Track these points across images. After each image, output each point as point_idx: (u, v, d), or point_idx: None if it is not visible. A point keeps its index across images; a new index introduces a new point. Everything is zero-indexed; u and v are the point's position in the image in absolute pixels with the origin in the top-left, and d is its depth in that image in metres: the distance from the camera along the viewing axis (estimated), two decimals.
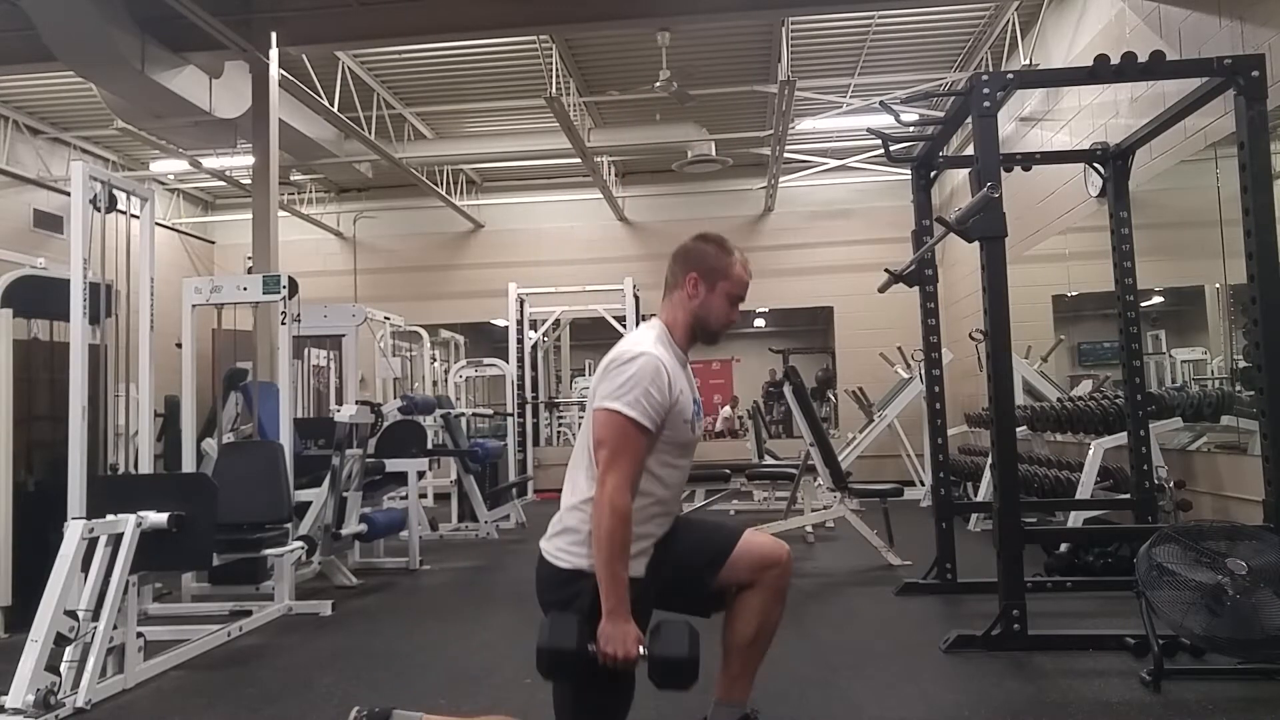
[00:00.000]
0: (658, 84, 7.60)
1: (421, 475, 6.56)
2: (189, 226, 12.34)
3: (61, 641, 3.05)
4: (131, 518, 3.33)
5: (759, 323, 16.88)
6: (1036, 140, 7.80)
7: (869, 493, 5.82)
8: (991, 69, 8.20)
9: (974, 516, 6.59)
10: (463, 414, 8.63)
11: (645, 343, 2.13)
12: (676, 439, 2.14)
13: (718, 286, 2.21)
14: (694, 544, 2.26)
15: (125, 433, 4.83)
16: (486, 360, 10.24)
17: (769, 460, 8.13)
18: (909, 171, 4.98)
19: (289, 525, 4.56)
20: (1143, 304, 4.83)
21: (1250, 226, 3.40)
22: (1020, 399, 6.54)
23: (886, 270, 4.25)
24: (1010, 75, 3.87)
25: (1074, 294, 7.42)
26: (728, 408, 15.13)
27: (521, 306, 10.05)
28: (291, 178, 11.35)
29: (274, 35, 6.77)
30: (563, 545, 2.09)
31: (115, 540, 3.30)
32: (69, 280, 3.69)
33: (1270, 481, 3.35)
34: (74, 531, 3.23)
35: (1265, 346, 3.35)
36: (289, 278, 4.88)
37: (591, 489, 2.04)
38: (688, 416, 2.15)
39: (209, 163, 10.07)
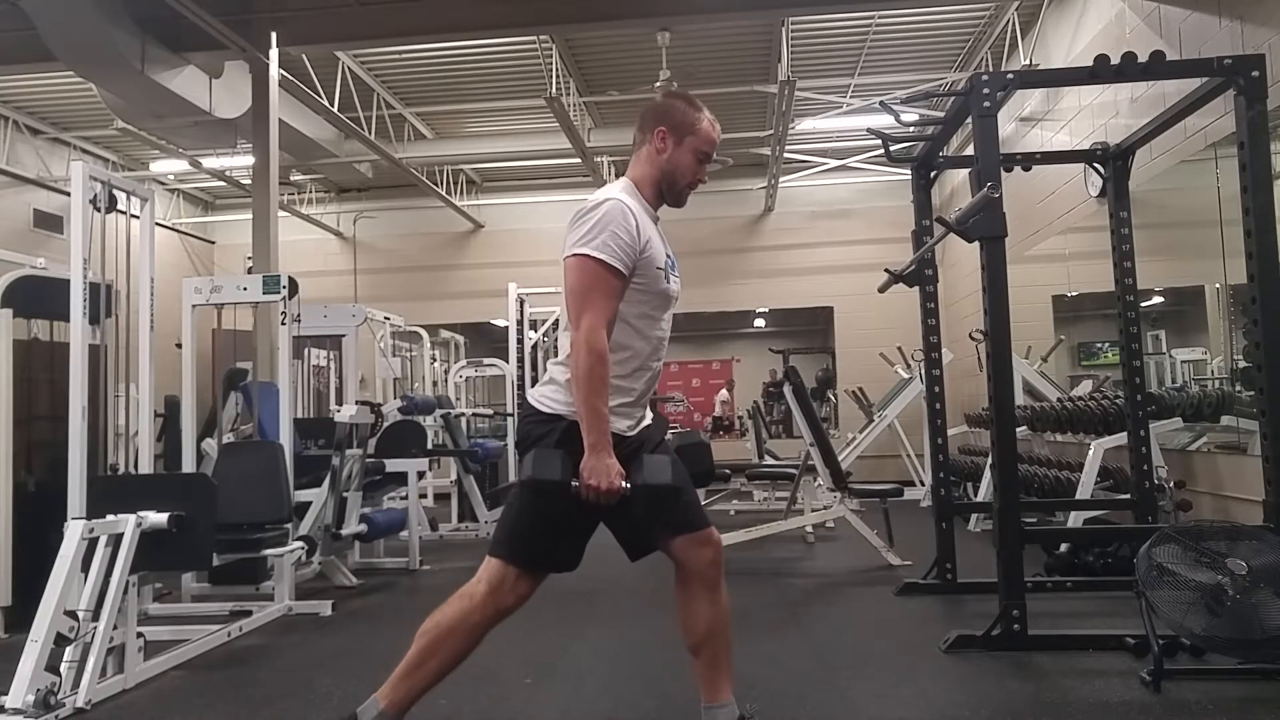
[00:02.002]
0: (658, 84, 7.60)
1: (421, 475, 6.56)
2: (189, 226, 12.34)
3: (61, 641, 3.05)
4: (131, 518, 3.33)
5: (759, 323, 16.88)
6: (1036, 140, 7.80)
7: (869, 493, 5.82)
8: (991, 69, 8.21)
9: (974, 516, 6.59)
10: (463, 414, 8.63)
11: (611, 190, 2.15)
12: (650, 287, 2.15)
13: (685, 141, 2.22)
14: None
15: (125, 433, 4.84)
16: (486, 360, 10.23)
17: (769, 460, 8.13)
18: (909, 171, 4.98)
19: (289, 525, 4.56)
20: (1143, 304, 4.83)
21: (1250, 226, 3.40)
22: (1020, 399, 6.54)
23: (886, 270, 4.25)
24: (1010, 75, 3.87)
25: (1074, 294, 7.42)
26: (724, 391, 15.15)
27: (521, 306, 10.00)
28: (291, 178, 11.36)
29: (274, 35, 6.77)
30: (546, 393, 2.16)
31: (115, 540, 3.30)
32: (69, 280, 3.69)
33: (1270, 481, 3.35)
34: (74, 531, 3.23)
35: (1265, 346, 3.35)
36: (289, 278, 4.88)
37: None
38: (660, 264, 2.16)
39: (209, 163, 10.07)
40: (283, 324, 4.86)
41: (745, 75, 8.81)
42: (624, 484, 1.99)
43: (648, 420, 2.29)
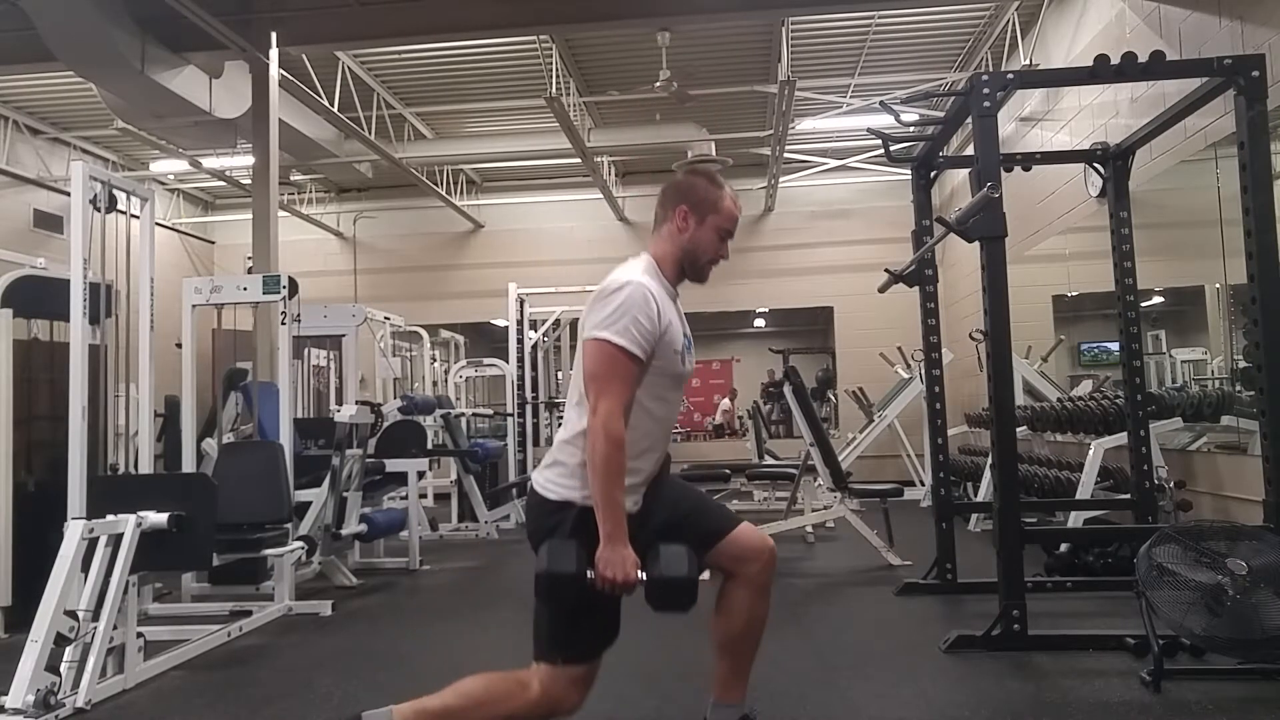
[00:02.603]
0: (658, 84, 7.60)
1: (421, 475, 6.56)
2: (189, 226, 12.34)
3: (61, 641, 3.05)
4: (131, 518, 3.33)
5: (759, 323, 16.88)
6: (1036, 140, 7.80)
7: (869, 493, 5.82)
8: (991, 69, 8.20)
9: (974, 516, 6.59)
10: (463, 414, 8.63)
11: (633, 272, 2.12)
12: (667, 369, 2.13)
13: (707, 220, 2.21)
14: (691, 513, 2.25)
15: (125, 433, 4.83)
16: (486, 360, 10.24)
17: (769, 460, 8.13)
18: (909, 171, 4.98)
19: (289, 525, 4.56)
20: (1143, 304, 4.83)
21: (1250, 226, 3.40)
22: (1020, 399, 6.54)
23: (886, 270, 4.25)
24: (1010, 75, 3.87)
25: (1074, 294, 7.42)
26: (726, 400, 15.15)
27: (521, 306, 10.01)
28: (291, 178, 11.35)
29: (274, 35, 6.77)
30: (552, 477, 2.10)
31: (115, 540, 3.30)
32: (69, 280, 3.69)
33: (1270, 481, 3.35)
34: (74, 531, 3.23)
35: (1265, 346, 3.35)
36: (289, 278, 4.88)
37: (582, 422, 2.03)
38: (678, 347, 2.14)
39: (209, 163, 10.07)
40: (283, 324, 4.87)
41: (745, 75, 8.81)
42: (640, 574, 1.97)
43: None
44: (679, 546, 2.01)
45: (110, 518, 3.33)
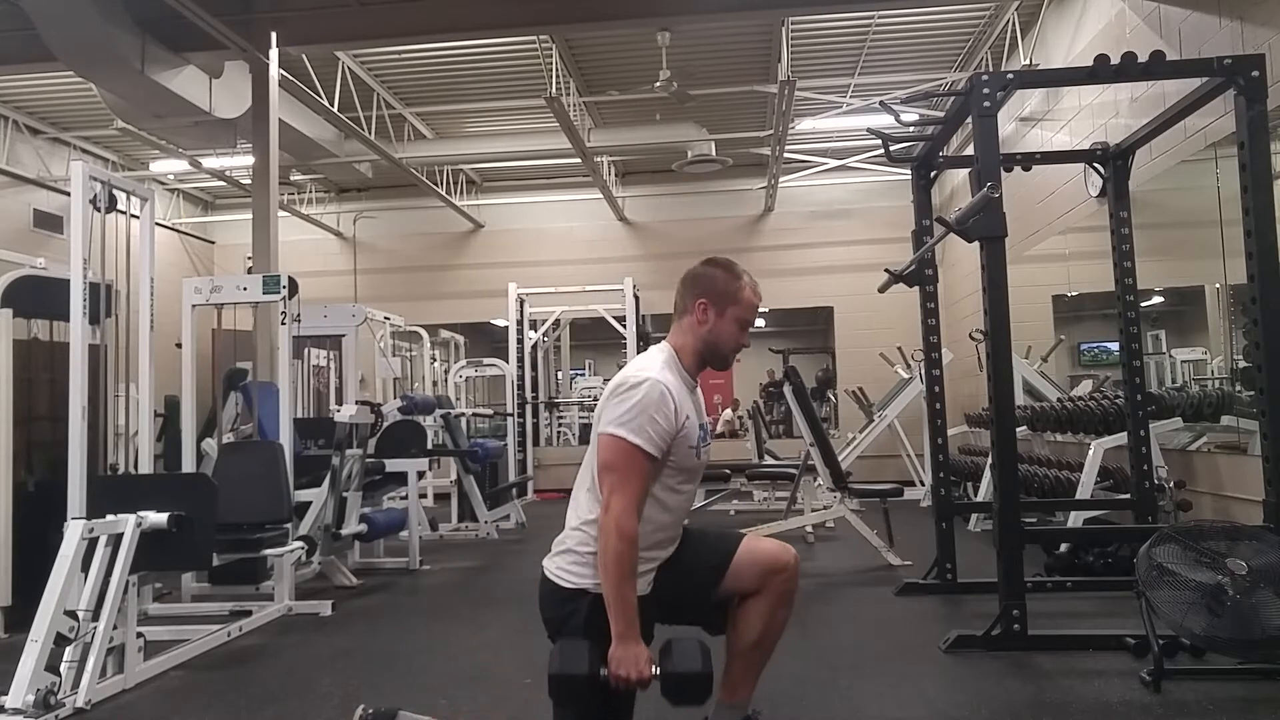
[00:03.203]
0: (658, 84, 7.61)
1: (421, 475, 6.56)
2: (189, 226, 12.34)
3: (61, 641, 3.05)
4: (131, 518, 3.33)
5: (759, 323, 16.84)
6: (1036, 140, 7.80)
7: (869, 493, 5.82)
8: (991, 69, 8.20)
9: (974, 516, 6.58)
10: (463, 414, 8.63)
11: (652, 368, 2.11)
12: (682, 464, 2.13)
13: (727, 312, 2.21)
14: (695, 555, 2.26)
15: (125, 433, 4.83)
16: (486, 360, 10.24)
17: (769, 460, 8.13)
18: (909, 171, 4.98)
19: (289, 525, 4.56)
20: (1143, 304, 4.83)
21: (1250, 226, 3.40)
22: (1020, 399, 6.54)
23: (886, 270, 4.25)
24: (1010, 75, 3.87)
25: (1074, 294, 7.42)
26: (729, 410, 15.14)
27: (521, 306, 10.04)
28: (291, 178, 11.35)
29: (274, 35, 6.77)
30: (564, 565, 2.09)
31: (115, 540, 3.30)
32: (69, 280, 3.69)
33: (1270, 481, 3.35)
34: (74, 531, 3.23)
35: (1265, 346, 3.35)
36: (289, 278, 4.88)
37: (594, 510, 2.04)
38: (693, 443, 2.14)
39: (209, 163, 10.07)
40: (283, 324, 4.86)
41: (745, 75, 8.81)
42: (654, 670, 1.96)
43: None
44: (691, 640, 2.01)
45: (110, 518, 3.33)
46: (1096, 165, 4.74)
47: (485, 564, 6.23)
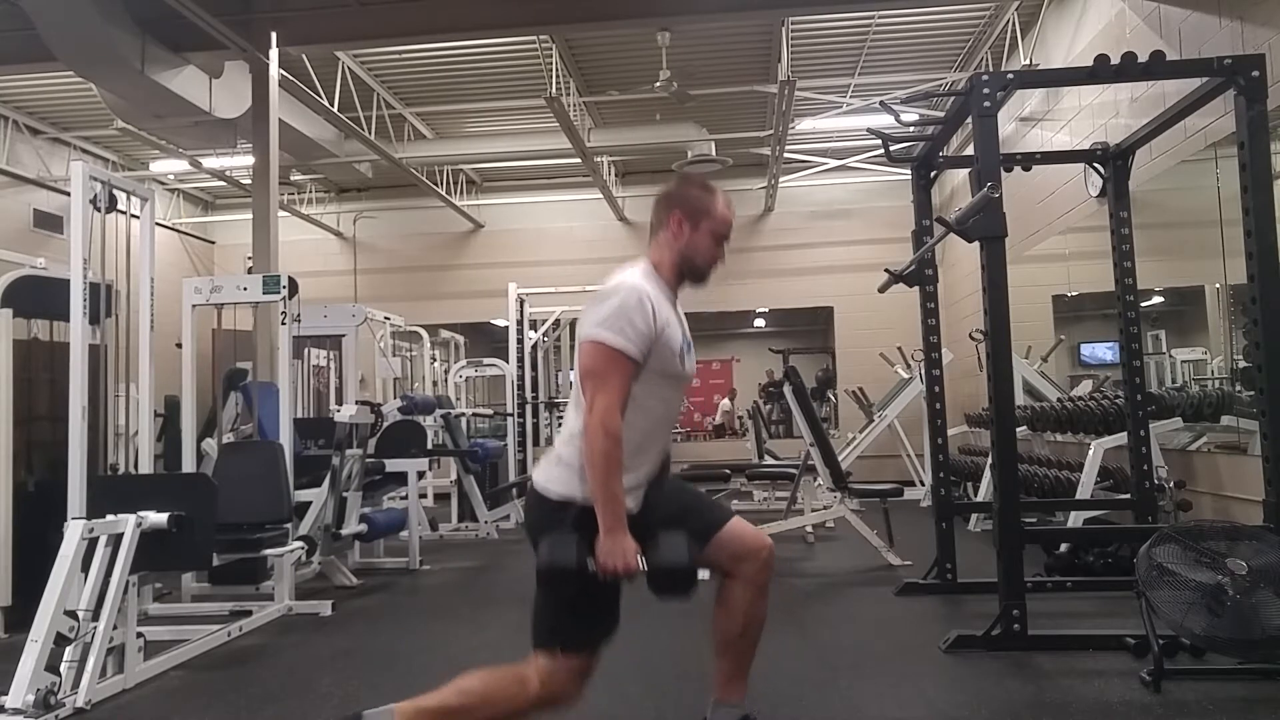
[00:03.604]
0: (658, 84, 7.61)
1: (421, 475, 6.56)
2: (189, 226, 12.34)
3: (61, 641, 3.05)
4: (131, 518, 3.33)
5: (759, 323, 16.87)
6: (1036, 140, 7.80)
7: (869, 493, 5.82)
8: (991, 69, 8.20)
9: (974, 516, 6.59)
10: (463, 414, 8.63)
11: (630, 276, 2.16)
12: (665, 370, 2.15)
13: (701, 225, 2.24)
14: (685, 509, 2.27)
15: (125, 433, 4.83)
16: (486, 360, 10.23)
17: (769, 460, 8.13)
18: (909, 171, 4.98)
19: (289, 525, 4.56)
20: (1143, 304, 4.83)
21: (1250, 226, 3.41)
22: (1020, 399, 6.54)
23: (886, 270, 4.25)
24: (1010, 75, 3.87)
25: (1074, 294, 7.42)
26: (726, 400, 15.15)
27: (521, 306, 10.01)
28: (291, 178, 11.35)
29: (274, 35, 6.77)
30: (553, 476, 2.12)
31: (115, 540, 3.30)
32: (69, 280, 3.69)
33: (1270, 481, 3.35)
34: (74, 531, 3.23)
35: (1265, 346, 3.35)
36: (289, 278, 4.88)
37: (581, 422, 2.06)
38: (676, 349, 2.16)
39: (209, 163, 10.07)
40: (283, 324, 4.87)
41: (745, 75, 8.81)
42: (640, 563, 1.99)
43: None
44: (678, 534, 2.04)
45: (110, 518, 3.33)
46: (1096, 165, 4.74)
47: (485, 564, 6.23)
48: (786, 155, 9.86)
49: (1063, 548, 4.79)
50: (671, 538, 2.03)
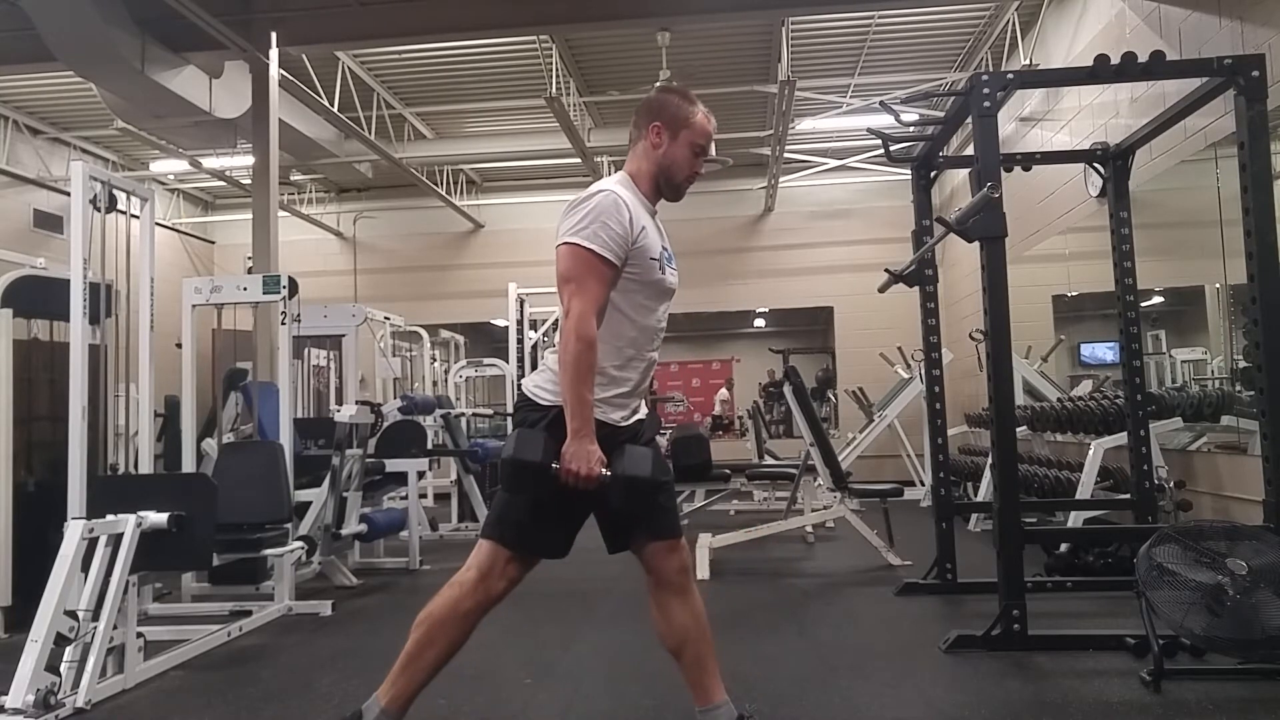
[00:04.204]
0: (658, 84, 7.60)
1: (421, 475, 6.55)
2: (189, 226, 12.35)
3: (61, 641, 3.05)
4: (131, 518, 3.33)
5: (759, 323, 16.88)
6: (1036, 140, 7.80)
7: (869, 493, 5.82)
8: (991, 69, 8.21)
9: (974, 516, 6.59)
10: (463, 414, 8.63)
11: (606, 183, 2.17)
12: (645, 277, 2.15)
13: (680, 135, 2.23)
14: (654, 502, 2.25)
15: (125, 433, 4.83)
16: (486, 360, 10.24)
17: (769, 460, 8.13)
18: (909, 171, 4.98)
19: (289, 525, 4.56)
20: (1143, 304, 4.83)
21: (1250, 226, 3.40)
22: (1020, 399, 6.54)
23: (886, 270, 4.25)
24: (1010, 75, 3.87)
25: (1074, 294, 7.42)
26: (724, 390, 15.15)
27: (521, 306, 10.01)
28: (291, 178, 11.36)
29: (274, 35, 6.77)
30: (539, 381, 2.18)
31: (115, 540, 3.30)
32: (69, 280, 3.69)
33: (1270, 481, 3.35)
34: (74, 531, 3.23)
35: (1265, 346, 3.35)
36: (289, 278, 4.88)
37: None
38: (654, 254, 2.16)
39: (209, 163, 10.07)
40: (283, 324, 4.86)
41: (745, 75, 8.81)
42: (604, 471, 2.01)
43: (642, 414, 2.30)
44: (645, 448, 2.06)
45: (110, 518, 3.33)
46: (1096, 165, 4.74)
47: None
48: (786, 155, 9.87)
49: (1063, 548, 4.79)
50: (638, 450, 2.05)
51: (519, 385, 9.34)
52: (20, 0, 5.93)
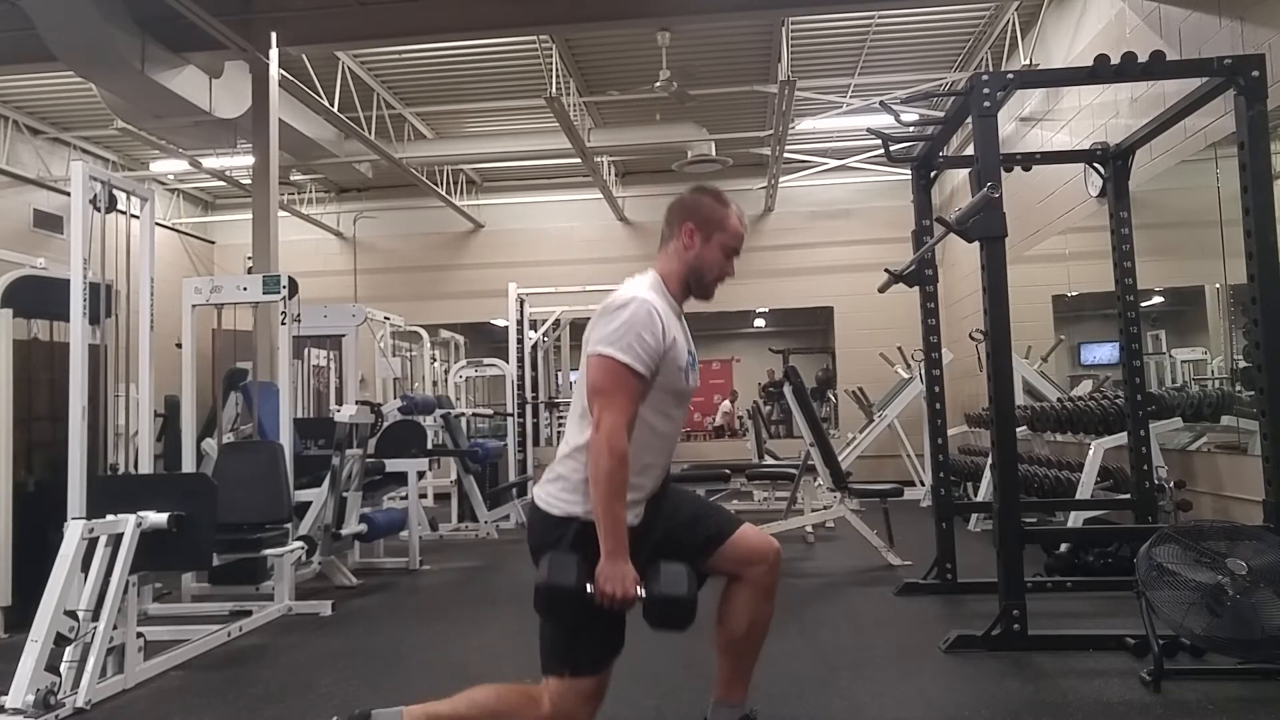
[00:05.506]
0: (658, 84, 7.60)
1: (421, 475, 6.56)
2: (189, 226, 12.34)
3: (61, 641, 3.05)
4: (131, 518, 3.33)
5: (759, 323, 16.87)
6: (1036, 140, 7.80)
7: (869, 493, 5.82)
8: (991, 69, 8.20)
9: (974, 516, 6.58)
10: (463, 414, 8.63)
11: (639, 289, 2.13)
12: (671, 386, 2.13)
13: (713, 238, 2.21)
14: (692, 518, 2.26)
15: (125, 433, 4.83)
16: (486, 360, 10.23)
17: (769, 460, 8.13)
18: (909, 171, 4.98)
19: (289, 525, 4.56)
20: (1143, 304, 4.83)
21: (1250, 226, 3.40)
22: (1020, 399, 6.54)
23: (886, 270, 4.24)
24: (1010, 75, 3.87)
25: (1074, 294, 7.42)
26: (727, 402, 15.14)
27: (521, 306, 10.02)
28: (291, 178, 11.35)
29: (274, 35, 6.76)
30: (554, 492, 2.09)
31: (115, 540, 3.30)
32: (69, 280, 3.69)
33: (1270, 481, 3.35)
34: (74, 531, 3.23)
35: (1265, 346, 3.35)
36: (289, 278, 4.88)
37: (584, 436, 2.04)
38: (682, 364, 2.15)
39: (209, 163, 10.07)
40: (283, 324, 4.86)
41: (745, 75, 8.81)
42: (640, 591, 1.96)
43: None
44: (679, 565, 2.01)
45: (110, 518, 3.33)
46: (1096, 165, 4.74)
47: (485, 564, 6.23)
48: (786, 155, 9.86)
49: (1063, 548, 4.79)
50: (672, 568, 1.99)
51: (518, 385, 9.35)
52: (20, 0, 5.93)
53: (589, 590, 1.94)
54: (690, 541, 2.23)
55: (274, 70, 6.86)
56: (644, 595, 1.96)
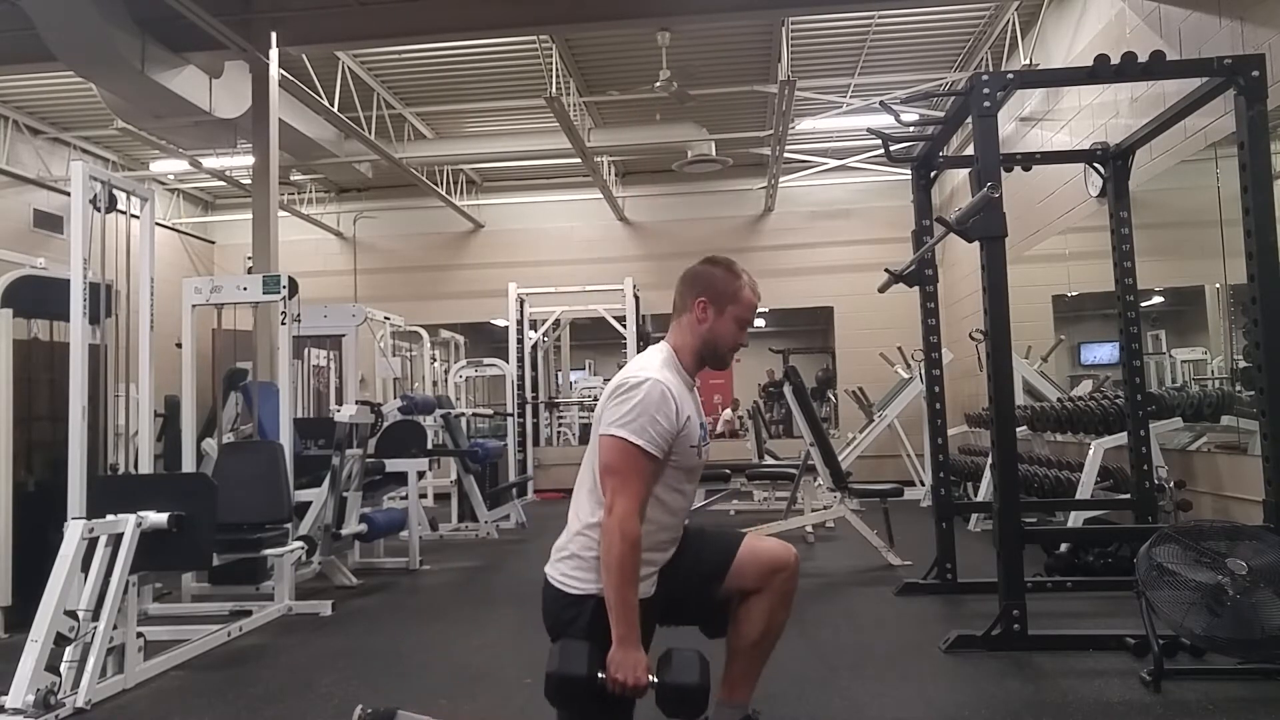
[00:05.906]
0: (658, 84, 7.60)
1: (421, 475, 6.56)
2: (189, 226, 12.34)
3: (61, 641, 3.05)
4: (131, 518, 3.33)
5: (759, 323, 16.86)
6: (1036, 140, 7.80)
7: (869, 493, 5.82)
8: (991, 69, 8.20)
9: (974, 516, 6.58)
10: (463, 414, 8.63)
11: (652, 367, 2.11)
12: (683, 464, 2.13)
13: (726, 311, 2.21)
14: (697, 555, 2.26)
15: (125, 433, 4.83)
16: (486, 360, 10.24)
17: (769, 460, 8.13)
18: (909, 171, 4.98)
19: (289, 525, 4.56)
20: (1143, 304, 4.83)
21: (1250, 226, 3.40)
22: (1020, 399, 6.54)
23: (886, 270, 4.25)
24: (1010, 75, 3.87)
25: (1074, 294, 7.42)
26: (728, 410, 15.14)
27: (521, 306, 10.04)
28: (291, 178, 11.35)
29: (274, 35, 6.76)
30: (568, 570, 2.08)
31: (115, 540, 3.30)
32: (69, 280, 3.69)
33: (1270, 481, 3.35)
34: (74, 531, 3.23)
35: (1265, 346, 3.35)
36: (289, 278, 4.88)
37: (596, 514, 2.03)
38: (694, 442, 2.14)
39: (209, 163, 10.07)
40: (283, 324, 4.86)
41: (745, 75, 8.81)
42: (651, 678, 1.95)
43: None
44: (691, 652, 2.00)
45: (110, 518, 3.33)
46: (1096, 165, 4.74)
47: (485, 564, 6.23)
48: (786, 155, 9.86)
49: (1063, 548, 4.79)
50: (684, 655, 1.99)
51: (518, 385, 9.37)
52: (20, 0, 5.93)
53: (600, 678, 1.93)
54: (699, 577, 2.23)
55: (274, 70, 6.86)
56: (655, 682, 1.95)
